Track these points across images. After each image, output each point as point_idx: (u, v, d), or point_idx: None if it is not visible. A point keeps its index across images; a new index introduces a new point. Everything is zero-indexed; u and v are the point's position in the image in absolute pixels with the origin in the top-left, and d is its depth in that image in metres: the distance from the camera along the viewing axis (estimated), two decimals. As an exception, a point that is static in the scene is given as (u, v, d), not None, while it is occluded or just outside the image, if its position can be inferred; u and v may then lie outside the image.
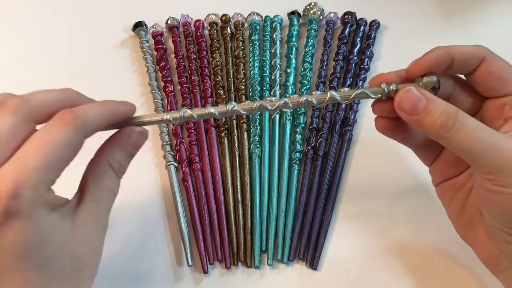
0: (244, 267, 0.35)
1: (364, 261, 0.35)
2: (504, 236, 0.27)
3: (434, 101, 0.26)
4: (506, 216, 0.27)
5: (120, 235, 0.36)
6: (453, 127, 0.25)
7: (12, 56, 0.46)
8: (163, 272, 0.35)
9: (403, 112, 0.26)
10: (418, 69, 0.27)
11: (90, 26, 0.47)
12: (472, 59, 0.27)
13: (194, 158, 0.38)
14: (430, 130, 0.26)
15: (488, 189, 0.26)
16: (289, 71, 0.42)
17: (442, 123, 0.25)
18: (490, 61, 0.27)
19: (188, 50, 0.44)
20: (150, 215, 0.37)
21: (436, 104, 0.26)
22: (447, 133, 0.25)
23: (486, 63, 0.27)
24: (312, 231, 0.36)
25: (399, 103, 0.26)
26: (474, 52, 0.27)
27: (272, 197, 0.37)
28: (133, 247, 0.36)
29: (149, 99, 0.42)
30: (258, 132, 0.39)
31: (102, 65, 0.45)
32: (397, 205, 0.37)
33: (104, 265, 0.35)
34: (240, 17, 0.45)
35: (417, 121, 0.26)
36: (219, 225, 0.36)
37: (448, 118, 0.25)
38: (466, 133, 0.25)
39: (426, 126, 0.26)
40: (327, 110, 0.40)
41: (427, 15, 0.47)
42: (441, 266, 0.34)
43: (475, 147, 0.25)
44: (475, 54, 0.27)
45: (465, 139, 0.25)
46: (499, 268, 0.29)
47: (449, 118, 0.25)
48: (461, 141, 0.25)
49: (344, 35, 0.43)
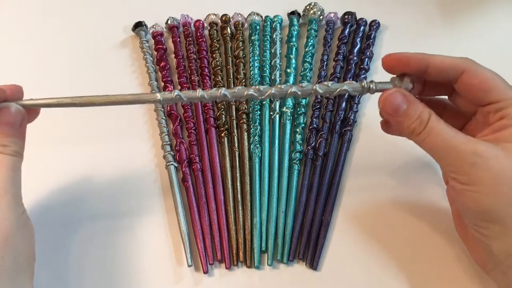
0: (244, 267, 0.35)
1: (364, 261, 0.35)
2: (480, 236, 0.29)
3: (414, 104, 0.29)
4: (475, 215, 0.28)
5: (120, 235, 0.36)
6: (422, 131, 0.28)
7: (12, 56, 0.46)
8: (163, 272, 0.35)
9: (385, 113, 0.30)
10: (389, 62, 0.30)
11: (90, 26, 0.47)
12: (450, 70, 0.29)
13: (194, 158, 0.38)
14: (406, 131, 0.29)
15: (454, 188, 0.28)
16: (289, 71, 0.42)
17: (415, 126, 0.28)
18: (471, 72, 0.29)
19: (188, 50, 0.44)
20: (150, 215, 0.37)
21: (414, 108, 0.28)
22: (417, 136, 0.28)
23: (466, 75, 0.29)
24: (312, 231, 0.36)
25: (382, 105, 0.29)
26: (453, 64, 0.29)
27: (272, 197, 0.37)
28: (133, 247, 0.36)
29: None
30: (258, 132, 0.39)
31: (102, 65, 0.45)
32: (397, 205, 0.37)
33: (104, 265, 0.35)
34: (240, 17, 0.45)
35: (397, 122, 0.29)
36: (219, 225, 0.36)
37: (420, 123, 0.28)
38: (432, 136, 0.28)
39: (404, 128, 0.29)
40: (327, 110, 0.40)
41: (427, 15, 0.47)
42: (442, 266, 0.34)
43: (439, 148, 0.28)
44: (454, 65, 0.29)
45: (431, 141, 0.28)
46: (487, 268, 0.30)
47: (421, 123, 0.28)
48: (428, 143, 0.28)
49: (344, 35, 0.43)
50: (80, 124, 0.41)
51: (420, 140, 0.28)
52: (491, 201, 0.27)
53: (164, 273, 0.35)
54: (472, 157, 0.27)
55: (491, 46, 0.44)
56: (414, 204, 0.37)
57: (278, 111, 0.40)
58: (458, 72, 0.29)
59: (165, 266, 0.35)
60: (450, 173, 0.28)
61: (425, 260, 0.35)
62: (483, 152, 0.27)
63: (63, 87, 0.44)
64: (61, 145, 0.40)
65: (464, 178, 0.27)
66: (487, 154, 0.27)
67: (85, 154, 0.40)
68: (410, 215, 0.36)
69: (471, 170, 0.27)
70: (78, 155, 0.40)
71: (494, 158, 0.27)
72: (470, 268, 0.34)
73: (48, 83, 0.44)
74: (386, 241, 0.35)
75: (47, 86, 0.44)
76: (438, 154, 0.28)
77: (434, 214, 0.36)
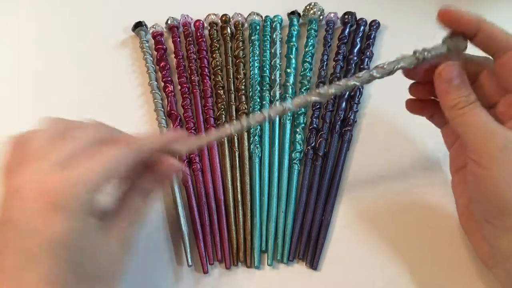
0: (244, 267, 0.35)
1: (364, 261, 0.35)
2: (490, 230, 0.28)
3: (466, 84, 0.29)
4: (488, 206, 0.28)
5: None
6: (465, 106, 0.28)
7: (13, 57, 0.46)
8: (163, 272, 0.35)
9: (440, 77, 0.29)
10: (447, 19, 0.29)
11: (90, 26, 0.47)
12: (499, 42, 0.28)
13: (194, 158, 0.38)
14: (448, 103, 0.29)
15: (473, 174, 0.28)
16: (289, 71, 0.42)
17: (459, 101, 0.28)
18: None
19: (188, 50, 0.44)
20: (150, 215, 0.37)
21: (466, 87, 0.29)
22: (459, 109, 0.28)
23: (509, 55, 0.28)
24: (312, 231, 0.36)
25: (441, 70, 0.29)
26: (502, 38, 0.28)
27: (272, 197, 0.37)
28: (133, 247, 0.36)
29: (149, 99, 0.42)
30: (258, 132, 0.39)
31: (102, 65, 0.45)
32: (397, 205, 0.37)
33: (104, 265, 0.35)
34: (240, 17, 0.45)
35: (444, 90, 0.29)
36: (219, 225, 0.36)
37: (466, 101, 0.28)
38: (473, 113, 0.28)
39: (447, 98, 0.29)
40: (327, 110, 0.40)
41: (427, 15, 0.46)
42: (442, 266, 0.34)
43: (475, 125, 0.28)
44: (503, 39, 0.28)
45: (469, 118, 0.28)
46: (490, 264, 0.30)
47: (467, 101, 0.28)
48: (466, 118, 0.28)
49: (344, 35, 0.43)
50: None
51: (459, 114, 0.28)
52: (510, 191, 0.26)
53: (164, 273, 0.35)
54: (504, 141, 0.26)
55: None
56: (414, 204, 0.37)
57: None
58: (506, 48, 0.28)
59: (165, 266, 0.35)
60: (474, 155, 0.28)
61: (426, 260, 0.35)
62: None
63: (63, 87, 0.44)
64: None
65: (487, 162, 0.27)
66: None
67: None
68: (410, 215, 0.36)
69: (499, 154, 0.26)
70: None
71: None
72: (471, 268, 0.34)
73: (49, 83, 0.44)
74: (386, 241, 0.35)
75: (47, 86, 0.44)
76: (470, 130, 0.28)
77: (435, 214, 0.36)
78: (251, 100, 0.41)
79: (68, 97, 0.43)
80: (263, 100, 0.41)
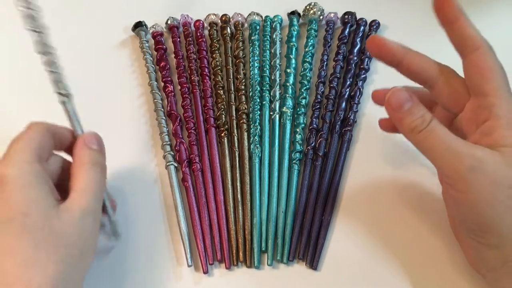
0: (244, 267, 0.35)
1: (364, 261, 0.35)
2: (476, 244, 0.29)
3: (418, 105, 0.28)
4: (471, 224, 0.28)
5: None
6: (424, 129, 0.27)
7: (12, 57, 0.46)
8: (163, 272, 0.35)
9: (389, 107, 0.29)
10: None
11: (90, 26, 0.47)
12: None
13: (194, 158, 0.38)
14: (405, 129, 0.28)
15: (451, 196, 0.28)
16: (289, 71, 0.42)
17: (417, 125, 0.28)
18: (484, 55, 0.28)
19: (188, 50, 0.44)
20: (150, 215, 0.37)
21: (418, 108, 0.28)
22: (417, 133, 0.28)
23: (475, 55, 0.28)
24: (312, 231, 0.36)
25: (388, 99, 0.29)
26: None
27: (272, 197, 0.37)
28: (133, 247, 0.36)
29: (149, 99, 0.42)
30: (258, 132, 0.39)
31: (102, 65, 0.45)
32: (397, 205, 0.37)
33: (104, 265, 0.35)
34: (240, 17, 0.45)
35: (397, 118, 0.29)
36: (219, 225, 0.36)
37: (422, 122, 0.27)
38: (433, 135, 0.27)
39: (403, 124, 0.28)
40: (327, 110, 0.40)
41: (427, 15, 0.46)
42: (442, 266, 0.34)
43: (439, 149, 0.27)
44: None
45: (431, 141, 0.27)
46: (481, 273, 0.30)
47: (423, 122, 0.27)
48: (427, 142, 0.27)
49: (344, 35, 0.43)
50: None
51: (420, 139, 0.28)
52: (488, 211, 0.26)
53: (164, 273, 0.35)
54: (471, 161, 0.26)
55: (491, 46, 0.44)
56: (414, 204, 0.37)
57: (278, 111, 0.40)
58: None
59: (165, 266, 0.35)
60: (447, 179, 0.27)
61: (426, 260, 0.35)
62: (481, 157, 0.26)
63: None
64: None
65: (460, 185, 0.27)
66: (485, 159, 0.26)
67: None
68: (410, 215, 0.36)
69: (468, 176, 0.26)
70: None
71: (492, 164, 0.26)
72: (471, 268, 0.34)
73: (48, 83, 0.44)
74: (386, 241, 0.35)
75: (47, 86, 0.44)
76: (435, 155, 0.27)
77: (435, 214, 0.36)
78: (251, 100, 0.41)
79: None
80: (263, 100, 0.41)
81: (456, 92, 0.29)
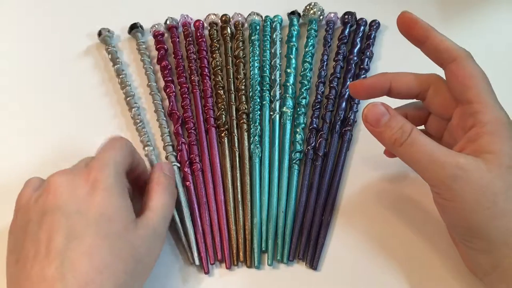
0: (244, 267, 0.35)
1: (364, 261, 0.35)
2: (467, 249, 0.29)
3: (395, 117, 0.28)
4: (460, 231, 0.28)
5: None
6: (405, 141, 0.27)
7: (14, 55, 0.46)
8: (164, 272, 0.35)
9: (367, 123, 0.29)
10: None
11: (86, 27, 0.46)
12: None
13: (194, 158, 0.38)
14: (387, 142, 0.29)
15: (438, 204, 0.28)
16: (289, 71, 0.42)
17: (397, 137, 0.28)
18: (462, 63, 0.28)
19: (188, 50, 0.43)
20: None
21: (396, 120, 0.28)
22: (399, 146, 0.28)
23: (455, 64, 0.29)
24: (312, 231, 0.36)
25: (365, 115, 0.29)
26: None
27: (272, 197, 0.37)
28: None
29: (149, 100, 0.42)
30: (258, 132, 0.39)
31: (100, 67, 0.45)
32: (397, 205, 0.37)
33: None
34: (240, 17, 0.45)
35: (378, 133, 0.29)
36: (219, 225, 0.36)
37: (402, 134, 0.28)
38: (415, 147, 0.27)
39: (384, 138, 0.29)
40: (327, 110, 0.40)
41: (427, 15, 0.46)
42: (442, 267, 0.34)
43: (422, 160, 0.27)
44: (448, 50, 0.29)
45: (414, 153, 0.27)
46: (478, 276, 0.31)
47: (403, 134, 0.28)
48: (409, 154, 0.28)
49: (344, 35, 0.43)
50: (81, 125, 0.41)
51: (402, 151, 0.28)
52: (474, 218, 0.26)
53: (165, 273, 0.35)
54: (454, 170, 0.26)
55: (491, 47, 0.44)
56: (414, 204, 0.37)
57: (278, 111, 0.40)
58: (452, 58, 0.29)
59: (165, 266, 0.35)
60: (433, 188, 0.28)
61: (425, 260, 0.35)
62: (464, 165, 0.26)
63: (63, 87, 0.44)
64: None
65: (446, 194, 0.27)
66: (468, 167, 0.26)
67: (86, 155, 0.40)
68: (410, 215, 0.36)
69: (453, 184, 0.26)
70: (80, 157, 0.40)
71: (476, 171, 0.26)
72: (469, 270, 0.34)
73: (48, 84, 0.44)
74: (386, 241, 0.35)
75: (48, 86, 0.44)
76: (419, 166, 0.28)
77: (435, 215, 0.36)
78: (251, 100, 0.41)
79: (67, 98, 0.43)
80: (263, 100, 0.41)
81: (445, 100, 0.30)
